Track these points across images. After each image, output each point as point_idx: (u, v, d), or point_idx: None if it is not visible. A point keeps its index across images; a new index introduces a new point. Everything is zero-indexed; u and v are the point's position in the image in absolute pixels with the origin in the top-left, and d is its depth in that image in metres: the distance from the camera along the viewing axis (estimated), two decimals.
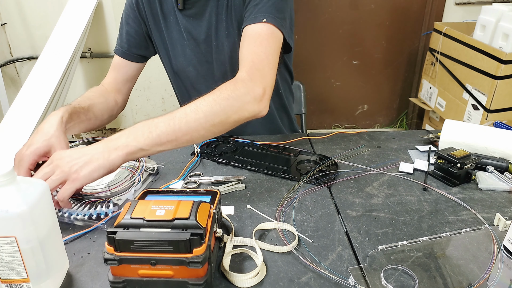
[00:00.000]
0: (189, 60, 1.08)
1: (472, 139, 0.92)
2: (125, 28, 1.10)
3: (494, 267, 0.61)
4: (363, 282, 0.58)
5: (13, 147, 1.65)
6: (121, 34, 1.12)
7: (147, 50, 1.13)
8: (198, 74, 1.10)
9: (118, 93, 1.12)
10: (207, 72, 1.10)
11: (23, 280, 0.54)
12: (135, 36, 1.10)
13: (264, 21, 0.89)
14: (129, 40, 1.10)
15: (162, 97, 2.60)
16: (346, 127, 2.98)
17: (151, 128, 0.74)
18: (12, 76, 2.61)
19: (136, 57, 1.12)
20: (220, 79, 1.10)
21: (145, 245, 0.53)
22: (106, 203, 0.75)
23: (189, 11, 1.02)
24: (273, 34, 0.90)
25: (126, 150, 0.72)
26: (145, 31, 1.10)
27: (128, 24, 1.10)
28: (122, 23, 1.11)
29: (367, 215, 0.74)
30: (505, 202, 0.78)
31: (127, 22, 1.10)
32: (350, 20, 2.61)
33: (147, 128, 0.74)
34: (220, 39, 1.03)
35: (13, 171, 0.51)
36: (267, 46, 0.88)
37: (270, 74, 0.87)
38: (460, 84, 2.10)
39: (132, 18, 1.09)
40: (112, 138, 0.74)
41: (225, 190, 0.81)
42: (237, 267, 0.62)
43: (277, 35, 0.91)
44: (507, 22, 1.87)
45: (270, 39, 0.90)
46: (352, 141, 1.03)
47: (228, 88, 0.81)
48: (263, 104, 0.83)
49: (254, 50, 0.88)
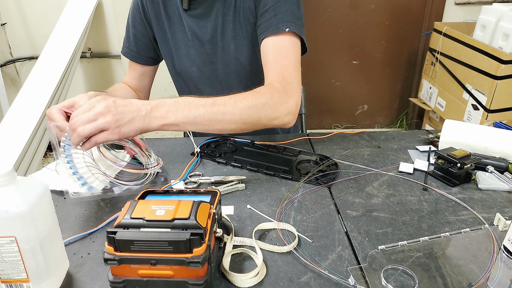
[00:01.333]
0: (193, 61, 1.08)
1: (472, 139, 0.92)
2: (131, 31, 1.11)
3: (494, 267, 0.61)
4: (363, 282, 0.58)
5: (13, 147, 1.66)
6: (128, 37, 1.12)
7: (155, 53, 1.14)
8: (202, 74, 1.10)
9: (138, 91, 1.17)
10: (211, 73, 1.10)
11: (23, 280, 0.54)
12: (142, 39, 1.11)
13: (287, 31, 0.93)
14: (137, 43, 1.11)
15: (162, 97, 2.60)
16: (346, 127, 2.98)
17: (191, 108, 0.79)
18: (12, 76, 2.61)
19: (146, 60, 1.14)
20: (224, 80, 1.10)
21: (145, 245, 0.53)
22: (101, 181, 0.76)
23: (194, 11, 1.02)
24: (295, 43, 0.95)
25: (164, 121, 0.78)
26: (151, 34, 1.11)
27: (135, 27, 1.10)
28: (128, 25, 1.12)
29: (367, 215, 0.74)
30: (505, 202, 0.78)
31: (134, 25, 1.10)
32: (350, 20, 2.61)
33: (187, 107, 0.79)
34: (226, 40, 1.03)
35: (13, 171, 0.51)
36: (292, 58, 0.93)
37: (299, 87, 0.92)
38: (460, 84, 2.10)
39: (138, 20, 1.09)
40: (154, 104, 0.78)
41: (225, 190, 0.81)
42: (237, 267, 0.62)
43: (297, 44, 0.96)
44: (507, 22, 1.87)
45: (294, 49, 0.94)
46: (352, 141, 1.03)
47: (266, 94, 0.86)
48: (294, 117, 0.89)
49: (281, 63, 0.92)
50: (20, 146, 1.67)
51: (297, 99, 0.90)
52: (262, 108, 0.84)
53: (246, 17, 1.00)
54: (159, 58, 1.16)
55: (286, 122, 0.88)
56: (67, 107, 0.80)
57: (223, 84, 1.11)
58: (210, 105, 0.80)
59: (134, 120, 0.75)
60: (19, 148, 1.66)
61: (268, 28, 0.94)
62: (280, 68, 0.91)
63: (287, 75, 0.91)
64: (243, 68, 1.07)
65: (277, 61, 0.92)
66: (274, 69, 0.92)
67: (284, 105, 0.87)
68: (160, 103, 0.78)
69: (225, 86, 1.11)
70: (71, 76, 2.19)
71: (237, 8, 1.00)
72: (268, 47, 0.94)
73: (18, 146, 1.67)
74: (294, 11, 0.95)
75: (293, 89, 0.90)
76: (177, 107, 0.79)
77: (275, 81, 0.90)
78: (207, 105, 0.80)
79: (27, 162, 1.73)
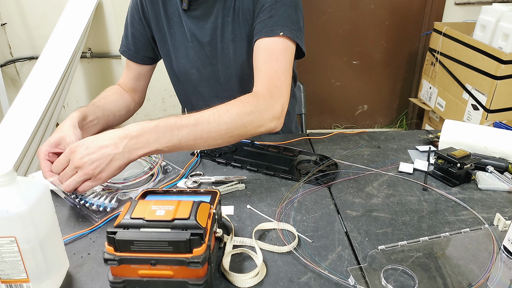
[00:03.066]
0: (192, 62, 1.08)
1: (472, 139, 0.92)
2: (130, 30, 1.10)
3: (494, 267, 0.61)
4: (363, 282, 0.58)
5: (13, 147, 1.66)
6: (127, 36, 1.12)
7: (153, 52, 1.14)
8: (202, 76, 1.10)
9: (134, 92, 1.15)
10: (211, 75, 1.09)
11: (23, 280, 0.54)
12: (141, 38, 1.10)
13: (281, 35, 0.91)
14: (135, 43, 1.11)
15: (162, 97, 2.60)
16: (346, 127, 2.98)
17: (174, 131, 0.75)
18: (12, 76, 2.61)
19: (144, 60, 1.13)
20: (225, 82, 1.09)
21: (145, 245, 0.53)
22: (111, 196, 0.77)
23: (194, 12, 1.02)
24: (288, 47, 0.92)
25: (147, 150, 0.73)
26: (149, 33, 1.10)
27: (133, 26, 1.10)
28: (127, 23, 1.11)
29: (367, 215, 0.74)
30: (505, 202, 0.78)
31: (132, 24, 1.10)
32: (350, 20, 2.61)
33: (169, 131, 0.75)
34: (226, 42, 1.03)
35: (13, 171, 0.51)
36: (283, 62, 0.91)
37: (287, 91, 0.90)
38: (460, 84, 2.10)
39: (137, 20, 1.09)
40: (132, 135, 0.73)
41: (225, 190, 0.81)
42: (237, 267, 0.62)
43: (291, 48, 0.93)
44: (507, 22, 1.87)
45: (285, 53, 0.92)
46: (352, 141, 1.03)
47: (250, 102, 0.83)
48: (280, 121, 0.87)
49: (271, 66, 0.90)
50: (20, 146, 1.67)
51: (283, 103, 0.87)
52: (248, 118, 0.81)
53: (245, 18, 0.99)
54: (157, 57, 1.16)
55: (273, 128, 0.86)
56: (54, 145, 0.79)
57: (224, 86, 1.10)
58: (193, 124, 0.76)
59: (113, 160, 0.71)
60: (19, 148, 1.66)
61: (262, 30, 0.93)
62: (269, 71, 0.89)
63: (275, 80, 0.89)
64: (243, 70, 1.06)
65: (267, 64, 0.90)
66: (263, 72, 0.90)
67: (270, 110, 0.84)
68: (139, 131, 0.73)
69: (226, 88, 1.10)
70: (71, 76, 2.19)
71: (236, 10, 0.99)
72: (260, 49, 0.93)
73: (18, 146, 1.67)
74: (291, 15, 0.93)
75: (280, 93, 0.88)
76: (157, 133, 0.74)
77: (262, 86, 0.88)
78: (190, 125, 0.76)
79: (27, 162, 1.73)
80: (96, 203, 0.74)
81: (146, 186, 0.83)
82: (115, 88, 1.11)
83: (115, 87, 1.12)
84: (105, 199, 0.75)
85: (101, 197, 0.76)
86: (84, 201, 0.75)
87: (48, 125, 1.96)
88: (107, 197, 0.76)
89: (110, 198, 0.76)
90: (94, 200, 0.75)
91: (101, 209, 0.74)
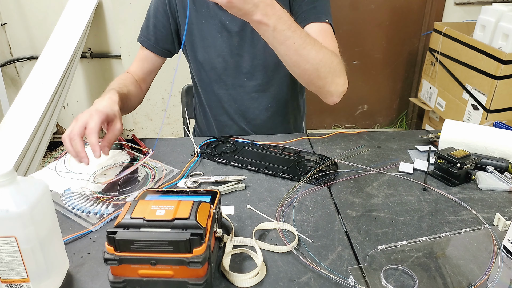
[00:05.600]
0: (219, 52, 1.09)
1: (472, 139, 0.92)
2: (152, 21, 1.11)
3: (494, 267, 0.61)
4: (363, 282, 0.58)
5: (13, 147, 1.66)
6: (148, 26, 1.12)
7: (172, 45, 1.15)
8: (227, 65, 1.11)
9: (143, 82, 1.17)
10: (236, 65, 1.11)
11: (23, 280, 0.54)
12: (163, 30, 1.11)
13: (327, 22, 1.00)
14: (156, 34, 1.12)
15: (162, 97, 2.60)
16: (346, 127, 2.98)
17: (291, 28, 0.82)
18: (12, 76, 2.61)
19: (163, 52, 1.14)
20: (249, 72, 1.12)
21: (145, 245, 0.53)
22: (108, 203, 0.75)
23: None
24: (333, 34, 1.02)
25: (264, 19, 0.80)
26: (173, 26, 1.11)
27: (156, 17, 1.11)
28: (149, 14, 1.12)
29: (367, 215, 0.74)
30: (505, 202, 0.78)
31: (156, 15, 1.11)
32: (350, 20, 2.61)
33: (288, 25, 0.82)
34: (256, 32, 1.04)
35: (13, 171, 0.51)
36: (336, 44, 1.00)
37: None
38: (460, 84, 2.10)
39: (161, 11, 1.10)
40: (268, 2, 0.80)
41: (225, 190, 0.81)
42: (237, 267, 0.62)
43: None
44: (507, 22, 1.88)
45: (335, 37, 1.02)
46: (352, 141, 1.03)
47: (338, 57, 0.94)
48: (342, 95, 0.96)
49: (331, 44, 0.98)
50: (20, 146, 1.67)
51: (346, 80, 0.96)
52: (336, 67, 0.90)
53: None
54: (174, 51, 1.17)
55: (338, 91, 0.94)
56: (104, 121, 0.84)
57: (248, 75, 1.12)
58: (306, 35, 0.84)
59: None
60: (19, 148, 1.66)
61: (310, 17, 0.99)
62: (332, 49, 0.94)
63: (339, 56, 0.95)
64: (271, 60, 1.08)
65: (325, 42, 0.94)
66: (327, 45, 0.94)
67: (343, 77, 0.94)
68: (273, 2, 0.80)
69: (249, 78, 1.12)
70: (71, 76, 2.19)
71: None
72: (313, 31, 0.98)
73: (18, 146, 1.67)
74: (328, 8, 1.01)
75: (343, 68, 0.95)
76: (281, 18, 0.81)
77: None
78: (303, 36, 0.84)
79: (27, 162, 1.74)
80: (92, 210, 0.73)
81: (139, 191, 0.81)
82: (130, 78, 1.12)
83: (130, 76, 1.12)
84: (101, 206, 0.75)
85: (97, 204, 0.75)
86: (79, 210, 0.74)
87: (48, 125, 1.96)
88: (103, 204, 0.75)
89: (106, 204, 0.75)
90: (91, 208, 0.74)
91: (98, 216, 0.73)
